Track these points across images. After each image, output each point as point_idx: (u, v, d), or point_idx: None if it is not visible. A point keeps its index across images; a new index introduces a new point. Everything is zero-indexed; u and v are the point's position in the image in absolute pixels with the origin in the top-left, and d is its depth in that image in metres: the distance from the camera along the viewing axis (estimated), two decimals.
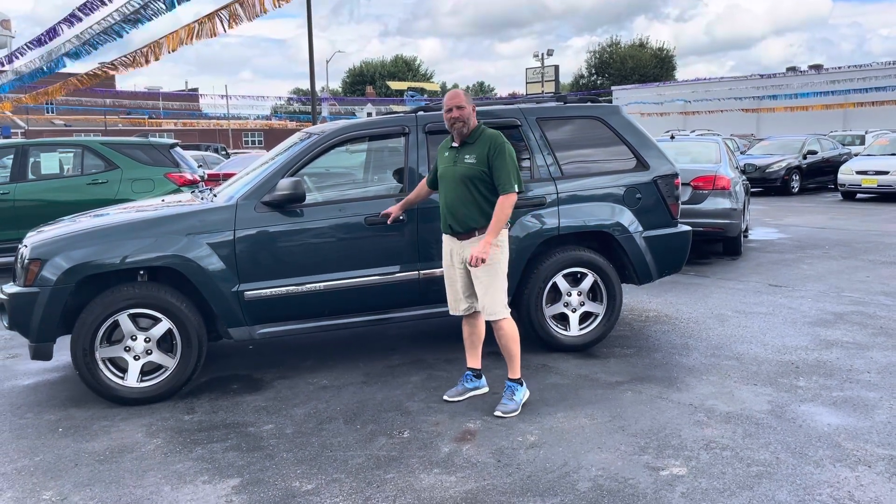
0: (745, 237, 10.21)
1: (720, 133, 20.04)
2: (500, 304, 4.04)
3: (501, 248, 4.02)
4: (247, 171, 5.21)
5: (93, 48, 11.11)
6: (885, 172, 15.56)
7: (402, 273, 4.71)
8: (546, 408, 4.08)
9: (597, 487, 3.16)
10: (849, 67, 43.64)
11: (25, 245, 4.45)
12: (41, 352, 4.30)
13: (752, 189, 14.89)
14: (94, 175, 8.98)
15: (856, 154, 18.63)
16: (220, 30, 9.42)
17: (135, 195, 8.61)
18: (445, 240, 4.20)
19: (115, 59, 11.47)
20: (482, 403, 4.16)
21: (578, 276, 5.06)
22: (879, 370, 4.62)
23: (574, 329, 5.10)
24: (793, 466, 3.31)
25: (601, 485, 3.18)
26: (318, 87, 37.54)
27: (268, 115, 65.58)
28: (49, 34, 12.23)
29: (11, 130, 40.87)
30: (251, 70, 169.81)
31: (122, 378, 4.29)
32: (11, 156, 8.95)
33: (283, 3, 8.95)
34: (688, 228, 5.48)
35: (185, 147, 14.83)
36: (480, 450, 3.57)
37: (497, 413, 3.97)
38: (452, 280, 4.21)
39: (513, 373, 4.12)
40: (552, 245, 5.01)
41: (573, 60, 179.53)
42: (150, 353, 4.32)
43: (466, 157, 3.99)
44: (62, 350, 4.71)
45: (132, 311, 4.24)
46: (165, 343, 4.35)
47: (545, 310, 5.00)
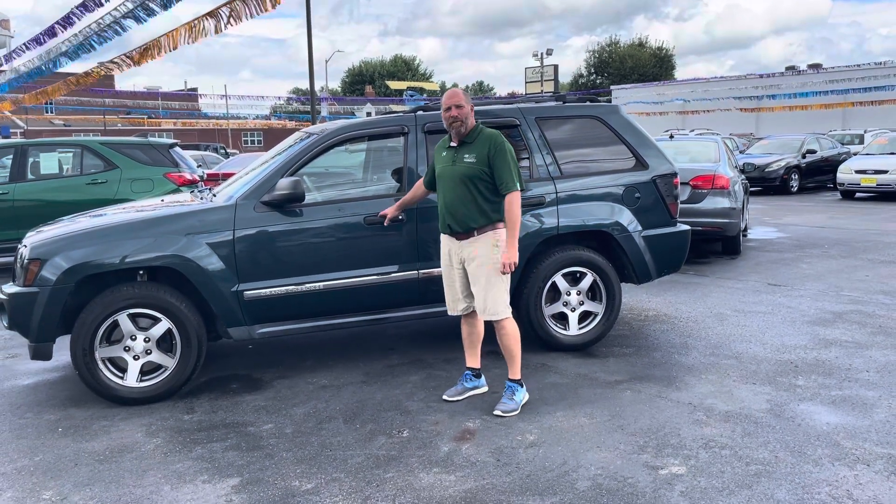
0: (744, 236, 10.22)
1: (719, 132, 20.05)
2: (502, 305, 4.04)
3: (498, 249, 4.00)
4: (246, 171, 5.21)
5: (91, 48, 11.10)
6: (884, 171, 15.57)
7: (402, 273, 4.71)
8: (545, 407, 4.09)
9: (596, 486, 3.16)
10: (846, 67, 43.63)
11: (25, 245, 4.45)
12: (41, 352, 4.30)
13: (752, 188, 14.90)
14: (94, 175, 8.98)
15: (855, 153, 18.65)
16: (220, 28, 9.40)
17: (134, 195, 8.61)
18: (444, 240, 4.20)
19: (115, 57, 11.44)
20: (481, 403, 4.17)
21: (578, 276, 5.06)
22: (878, 369, 4.63)
23: (573, 328, 5.10)
24: (792, 465, 3.32)
25: (600, 484, 3.19)
26: (318, 87, 37.54)
27: (267, 115, 65.60)
28: (47, 33, 12.22)
29: (11, 130, 40.85)
30: (250, 70, 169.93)
31: (122, 378, 4.29)
32: (11, 156, 8.94)
33: (279, 2, 8.95)
34: (687, 228, 5.49)
35: (185, 147, 14.82)
36: (480, 449, 3.57)
37: (496, 412, 3.98)
38: (451, 280, 4.20)
39: (513, 373, 4.12)
40: (551, 244, 5.02)
41: (572, 60, 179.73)
42: (150, 353, 4.32)
43: (466, 157, 3.98)
44: (62, 350, 4.71)
45: (132, 311, 4.24)
46: (165, 343, 4.36)
47: (544, 309, 5.00)
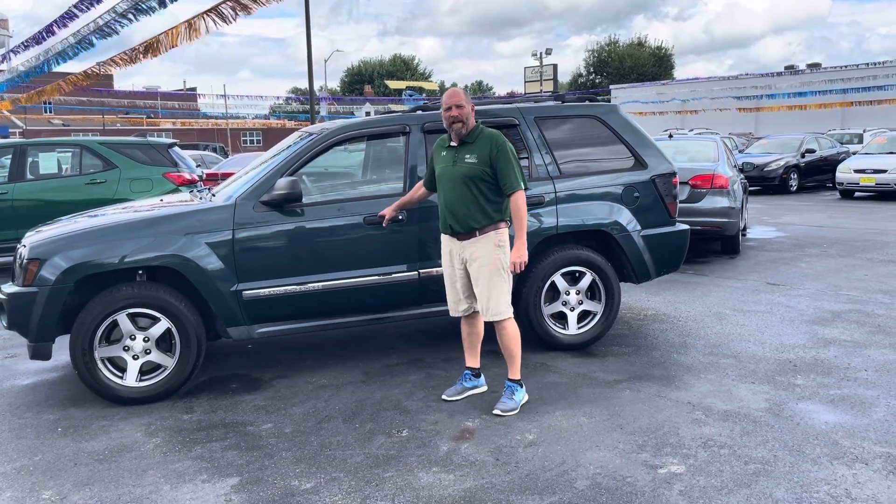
0: (744, 236, 10.22)
1: (718, 132, 20.06)
2: (504, 305, 4.03)
3: (503, 248, 3.99)
4: (245, 171, 5.21)
5: (90, 44, 11.08)
6: (883, 171, 15.58)
7: (401, 273, 4.71)
8: (544, 406, 4.09)
9: (595, 486, 3.17)
10: (845, 67, 43.62)
11: (24, 245, 4.45)
12: (40, 351, 4.30)
13: (751, 188, 14.90)
14: (93, 175, 8.98)
15: (854, 153, 18.64)
16: (229, 19, 9.39)
17: (133, 195, 8.60)
18: (445, 240, 4.19)
19: (115, 56, 11.43)
20: (481, 402, 4.17)
21: (577, 275, 5.06)
22: (877, 368, 4.63)
23: (572, 328, 5.10)
24: (790, 464, 3.32)
25: (599, 483, 3.19)
26: (317, 87, 37.53)
27: (266, 115, 65.60)
28: (45, 33, 12.21)
29: (10, 130, 40.81)
30: (250, 69, 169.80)
31: (121, 377, 4.29)
32: (10, 156, 8.94)
33: (275, 1, 8.96)
34: (686, 227, 5.49)
35: (184, 147, 14.81)
36: (479, 448, 3.57)
37: (496, 412, 3.98)
38: (453, 281, 4.19)
39: (513, 373, 4.12)
40: (550, 244, 5.02)
41: (572, 59, 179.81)
42: (149, 353, 4.32)
43: (467, 157, 3.96)
44: (61, 350, 4.71)
45: (131, 311, 4.24)
46: (164, 342, 4.35)
47: (543, 308, 5.00)
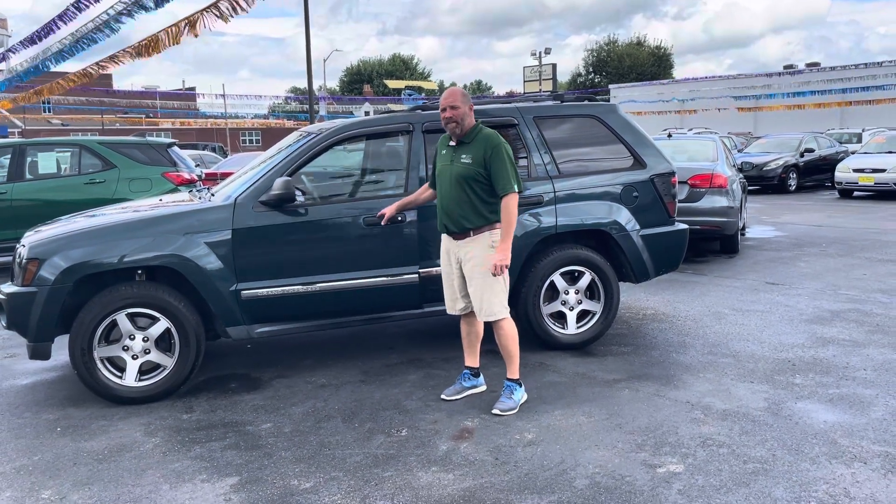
0: (742, 235, 10.23)
1: (717, 131, 20.06)
2: (498, 305, 4.03)
3: (494, 249, 3.97)
4: (244, 171, 5.21)
5: (93, 41, 11.06)
6: (882, 170, 15.59)
7: (401, 275, 4.69)
8: (544, 406, 4.09)
9: (594, 485, 3.17)
10: (844, 67, 43.61)
11: (23, 245, 4.44)
12: (39, 351, 4.31)
13: (750, 187, 14.92)
14: (92, 175, 8.97)
15: (853, 152, 18.65)
16: (215, 25, 9.40)
17: (132, 195, 8.60)
18: (443, 238, 4.20)
19: (113, 53, 11.41)
20: (480, 402, 4.17)
21: (576, 275, 5.06)
22: (875, 367, 4.64)
23: (571, 327, 5.11)
24: (789, 463, 3.33)
25: (598, 482, 3.19)
26: (316, 86, 37.51)
27: (265, 115, 65.57)
28: (43, 32, 12.19)
29: (8, 130, 40.77)
30: (249, 69, 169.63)
31: (121, 377, 4.29)
32: (9, 155, 8.93)
33: None
34: (685, 227, 5.50)
35: (183, 146, 14.81)
36: (478, 448, 3.58)
37: (495, 411, 3.98)
38: (450, 279, 4.20)
39: (512, 373, 4.13)
40: (550, 244, 5.02)
41: (571, 59, 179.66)
42: (149, 353, 4.32)
43: (463, 157, 3.97)
44: (60, 349, 4.71)
45: (130, 311, 4.24)
46: (164, 342, 4.35)
47: (543, 308, 5.01)
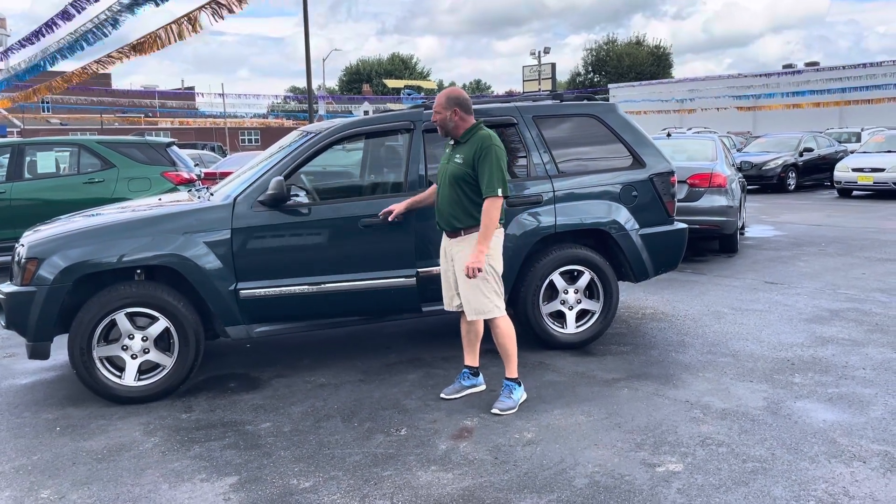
0: (742, 234, 10.24)
1: (716, 130, 20.07)
2: (489, 304, 4.02)
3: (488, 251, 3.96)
4: (244, 170, 5.20)
5: (96, 36, 11.05)
6: (881, 170, 15.60)
7: (400, 278, 4.66)
8: (543, 405, 4.10)
9: (593, 484, 3.17)
10: (843, 67, 43.60)
11: (22, 244, 4.44)
12: (38, 351, 4.30)
13: (749, 186, 14.93)
14: (91, 174, 8.97)
15: (852, 151, 18.66)
16: (216, 20, 9.41)
17: (131, 194, 8.59)
18: (442, 237, 4.22)
19: (112, 52, 11.41)
20: (479, 401, 4.18)
21: (575, 274, 5.06)
22: (875, 366, 4.64)
23: (571, 327, 5.11)
24: (788, 462, 3.33)
25: (597, 481, 3.19)
26: (315, 86, 37.50)
27: (264, 114, 65.53)
28: (42, 31, 12.19)
29: (7, 129, 40.74)
30: (248, 68, 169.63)
31: (120, 377, 4.28)
32: (7, 155, 8.93)
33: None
34: (684, 226, 5.50)
35: (182, 146, 14.80)
36: (477, 447, 3.58)
37: (494, 410, 3.98)
38: (446, 276, 4.21)
39: (510, 372, 4.13)
40: (549, 243, 5.02)
41: (570, 58, 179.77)
42: (148, 352, 4.32)
43: (456, 157, 4.00)
44: (59, 349, 4.70)
45: (129, 310, 4.24)
46: (163, 342, 4.35)
47: (542, 307, 5.01)
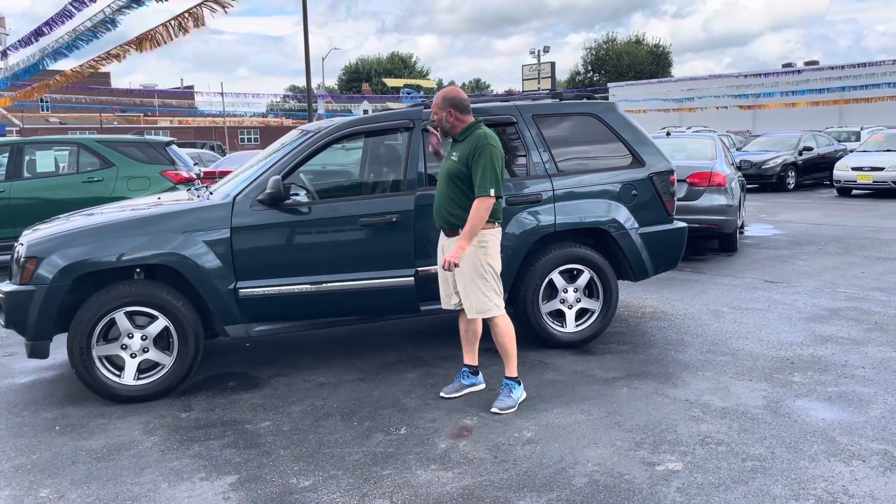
0: (741, 233, 10.24)
1: (716, 129, 20.07)
2: (489, 303, 4.02)
3: (483, 248, 3.96)
4: (243, 169, 5.20)
5: (95, 36, 11.03)
6: (881, 168, 15.59)
7: (399, 278, 4.65)
8: (542, 404, 4.10)
9: (593, 483, 3.17)
10: (843, 67, 43.57)
11: (21, 243, 4.44)
12: (38, 350, 4.30)
13: (748, 185, 14.93)
14: (90, 173, 8.96)
15: (851, 150, 18.67)
16: (216, 21, 9.44)
17: (130, 193, 8.59)
18: (440, 235, 4.22)
19: (111, 49, 11.40)
20: (479, 400, 4.18)
21: (575, 273, 5.06)
22: (874, 365, 4.64)
23: (570, 325, 5.11)
24: (787, 461, 3.33)
25: (597, 480, 3.19)
26: (315, 85, 37.48)
27: (263, 113, 65.50)
28: (41, 30, 12.18)
29: (6, 128, 40.72)
30: (247, 67, 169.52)
31: (119, 376, 4.28)
32: (7, 154, 8.92)
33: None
34: (683, 225, 5.50)
35: (181, 145, 14.79)
36: (477, 446, 3.58)
37: (494, 409, 3.98)
38: (444, 275, 4.21)
39: (509, 371, 4.13)
40: (548, 242, 5.02)
41: (570, 57, 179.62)
42: (147, 351, 4.32)
43: (453, 155, 4.02)
44: (59, 348, 4.70)
45: (129, 309, 4.24)
46: (162, 341, 4.35)
47: (541, 306, 5.01)
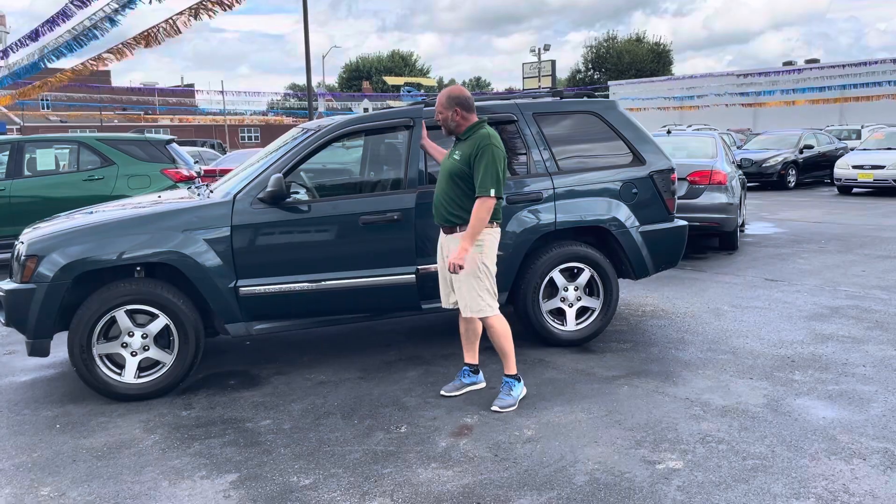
0: (742, 232, 10.23)
1: (717, 128, 20.07)
2: (482, 303, 4.01)
3: (479, 247, 3.95)
4: (243, 167, 5.19)
5: (95, 35, 11.03)
6: (881, 167, 15.58)
7: (399, 276, 4.65)
8: (543, 402, 4.10)
9: (593, 481, 3.17)
10: (843, 66, 43.51)
11: (22, 241, 4.44)
12: (38, 348, 4.30)
13: (749, 184, 14.93)
14: (91, 171, 8.96)
15: (852, 148, 18.65)
16: (216, 13, 9.42)
17: (131, 191, 8.59)
18: (440, 233, 4.22)
19: (112, 47, 11.41)
20: (479, 398, 4.18)
21: (575, 271, 5.06)
22: (874, 364, 4.64)
23: (571, 324, 5.11)
24: (788, 460, 3.33)
25: (597, 478, 3.19)
26: (315, 83, 37.46)
27: (264, 111, 65.47)
28: (42, 28, 12.18)
29: (7, 127, 40.71)
30: (248, 65, 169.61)
31: (120, 374, 4.29)
32: (7, 152, 8.90)
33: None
34: (684, 223, 5.49)
35: (182, 143, 14.80)
36: (477, 444, 3.58)
37: (494, 408, 3.98)
38: (443, 272, 4.21)
39: (508, 369, 4.13)
40: (549, 240, 5.02)
41: (570, 55, 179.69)
42: (148, 350, 4.32)
43: (455, 154, 4.01)
44: (59, 346, 4.70)
45: (129, 308, 4.24)
46: (163, 339, 4.35)
47: (542, 305, 5.00)
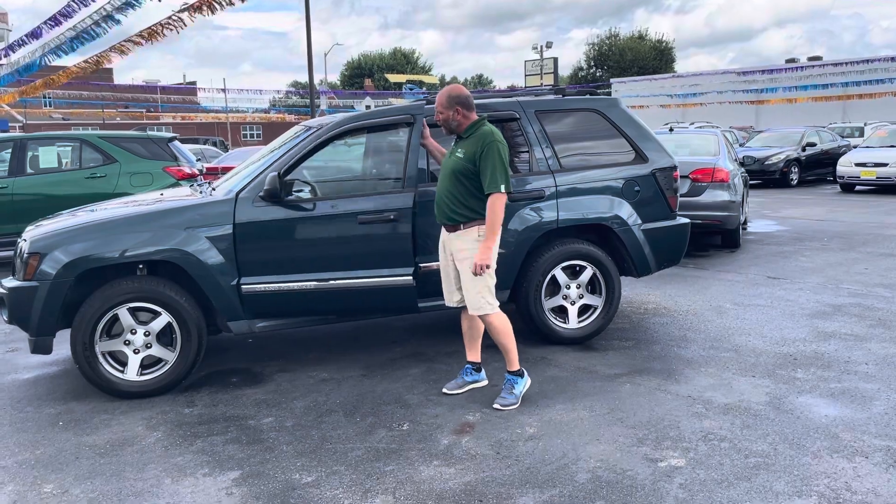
0: (744, 229, 10.22)
1: (719, 125, 20.04)
2: (483, 301, 4.01)
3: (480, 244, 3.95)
4: (245, 165, 5.19)
5: (96, 34, 11.03)
6: (884, 164, 15.55)
7: (399, 276, 4.62)
8: (545, 400, 4.10)
9: (595, 479, 3.17)
10: (846, 64, 43.40)
11: (24, 239, 4.45)
12: (41, 346, 4.31)
13: (751, 181, 14.88)
14: (93, 169, 8.97)
15: (854, 146, 18.61)
16: (217, 10, 9.41)
17: (133, 189, 8.59)
18: (441, 231, 4.21)
19: (114, 45, 11.42)
20: (481, 396, 4.18)
21: (577, 269, 5.06)
22: (877, 362, 4.64)
23: (573, 322, 5.11)
24: (790, 458, 3.33)
25: (599, 476, 3.20)
26: (317, 80, 37.43)
27: (266, 109, 65.50)
28: (45, 26, 12.19)
29: (9, 124, 40.76)
30: (250, 63, 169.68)
31: (122, 372, 4.29)
32: (9, 150, 8.92)
33: None
34: (686, 221, 5.49)
35: (184, 141, 14.80)
36: (479, 442, 3.58)
37: (496, 406, 3.99)
38: (446, 271, 4.21)
39: (510, 365, 4.12)
40: (551, 238, 5.02)
41: (573, 53, 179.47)
42: (150, 347, 4.33)
43: (458, 152, 4.00)
44: (62, 344, 4.71)
45: (132, 305, 4.25)
46: (165, 337, 4.36)
47: (544, 302, 5.00)
